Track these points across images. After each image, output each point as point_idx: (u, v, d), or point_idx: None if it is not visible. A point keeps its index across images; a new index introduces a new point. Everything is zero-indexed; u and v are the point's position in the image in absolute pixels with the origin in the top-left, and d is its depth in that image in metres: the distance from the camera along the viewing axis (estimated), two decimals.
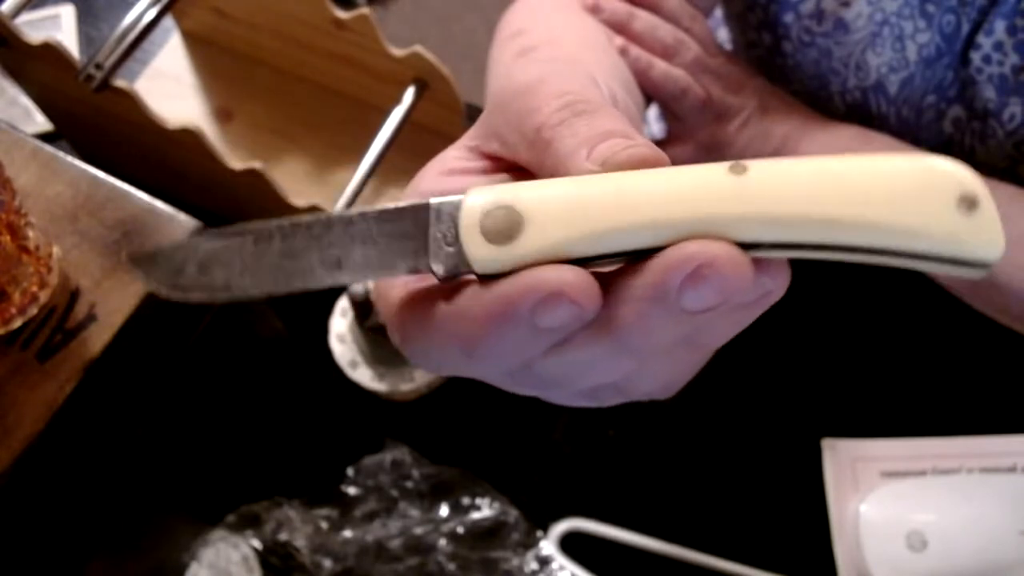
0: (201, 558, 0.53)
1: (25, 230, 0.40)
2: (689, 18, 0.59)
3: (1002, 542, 0.51)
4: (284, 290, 0.21)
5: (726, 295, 0.19)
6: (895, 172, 0.19)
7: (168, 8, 0.57)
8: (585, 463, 0.58)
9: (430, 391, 0.58)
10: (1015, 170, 0.57)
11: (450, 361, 0.22)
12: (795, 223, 0.19)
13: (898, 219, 0.18)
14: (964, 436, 0.56)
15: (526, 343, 0.20)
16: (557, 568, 0.53)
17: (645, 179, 0.20)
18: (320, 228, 0.21)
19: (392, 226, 0.21)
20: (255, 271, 0.21)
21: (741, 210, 0.19)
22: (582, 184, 0.20)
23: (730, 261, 0.19)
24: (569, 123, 0.22)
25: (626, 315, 0.20)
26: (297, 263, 0.21)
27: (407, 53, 0.61)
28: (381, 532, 0.54)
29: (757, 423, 0.59)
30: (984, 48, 0.52)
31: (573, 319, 0.19)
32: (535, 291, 0.19)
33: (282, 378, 0.61)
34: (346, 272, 0.21)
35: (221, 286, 0.21)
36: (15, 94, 0.73)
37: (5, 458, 0.39)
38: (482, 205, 0.20)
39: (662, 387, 0.24)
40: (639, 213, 0.19)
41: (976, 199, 0.19)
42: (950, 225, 0.18)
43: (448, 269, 0.21)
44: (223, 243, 0.21)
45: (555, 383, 0.22)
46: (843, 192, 0.19)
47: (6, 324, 0.41)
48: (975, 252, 0.19)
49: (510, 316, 0.19)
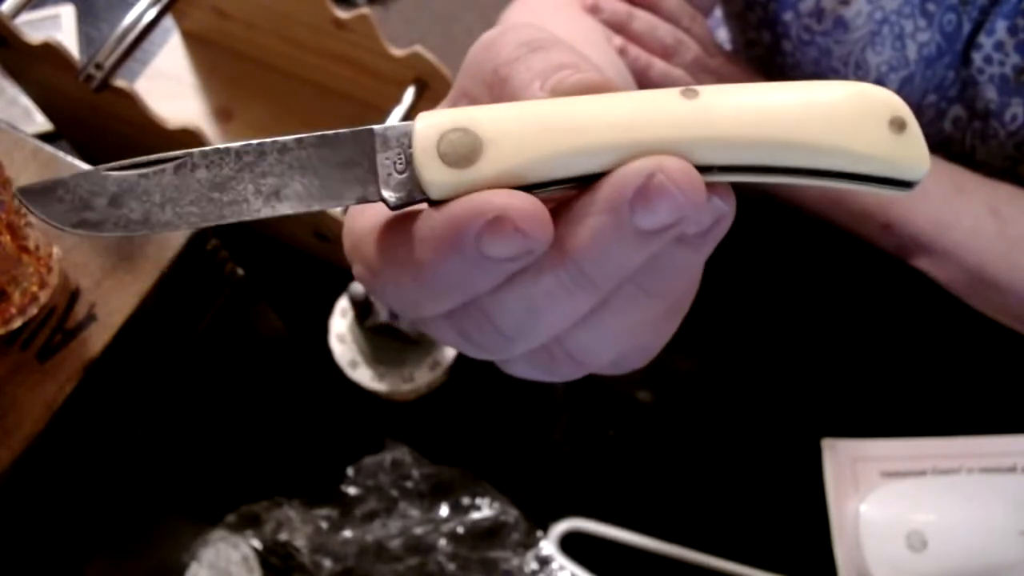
0: (201, 558, 0.53)
1: (25, 230, 0.41)
2: (688, 18, 0.59)
3: (1002, 542, 0.51)
4: (214, 222, 0.20)
5: (680, 210, 0.19)
6: (834, 98, 0.20)
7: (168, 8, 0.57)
8: (585, 463, 0.58)
9: (430, 391, 0.58)
10: (1015, 170, 0.57)
11: (404, 294, 0.21)
12: (745, 146, 0.20)
13: (839, 141, 0.20)
14: (964, 436, 0.56)
15: (474, 273, 0.19)
16: (557, 568, 0.53)
17: (602, 103, 0.20)
18: (252, 155, 0.20)
19: (333, 152, 0.20)
20: (178, 203, 0.20)
21: (695, 132, 0.19)
22: (538, 107, 0.20)
23: (681, 172, 0.19)
24: (525, 58, 0.21)
25: (579, 235, 0.19)
26: (227, 194, 0.20)
27: (407, 53, 0.61)
28: (381, 532, 0.54)
29: (757, 423, 0.58)
30: (985, 48, 0.52)
31: (520, 248, 0.19)
32: (481, 215, 0.18)
33: (282, 378, 0.61)
34: (286, 202, 0.20)
35: (139, 220, 0.20)
36: (15, 94, 0.74)
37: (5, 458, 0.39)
38: (437, 128, 0.20)
39: (621, 352, 0.23)
40: (597, 134, 0.19)
41: (904, 121, 0.20)
42: (883, 146, 0.20)
43: (401, 197, 0.20)
44: (135, 173, 0.20)
45: (506, 330, 0.21)
46: (789, 116, 0.20)
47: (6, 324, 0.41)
48: (904, 171, 0.20)
49: (457, 240, 0.19)
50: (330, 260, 0.63)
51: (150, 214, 0.20)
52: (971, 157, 0.58)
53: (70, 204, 0.20)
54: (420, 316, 0.22)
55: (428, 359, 0.57)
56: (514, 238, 0.18)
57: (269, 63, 0.73)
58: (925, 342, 0.60)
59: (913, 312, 0.61)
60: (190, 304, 0.48)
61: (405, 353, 0.57)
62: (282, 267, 0.64)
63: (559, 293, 0.20)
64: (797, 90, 0.20)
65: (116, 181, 0.20)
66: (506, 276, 0.20)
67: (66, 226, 0.20)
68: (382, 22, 0.61)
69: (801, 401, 0.59)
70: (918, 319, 0.60)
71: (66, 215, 0.20)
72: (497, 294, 0.20)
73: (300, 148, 0.20)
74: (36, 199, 0.20)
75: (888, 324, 0.61)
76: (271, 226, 0.64)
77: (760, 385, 0.60)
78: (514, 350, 0.22)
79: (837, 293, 0.62)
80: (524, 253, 0.19)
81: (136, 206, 0.20)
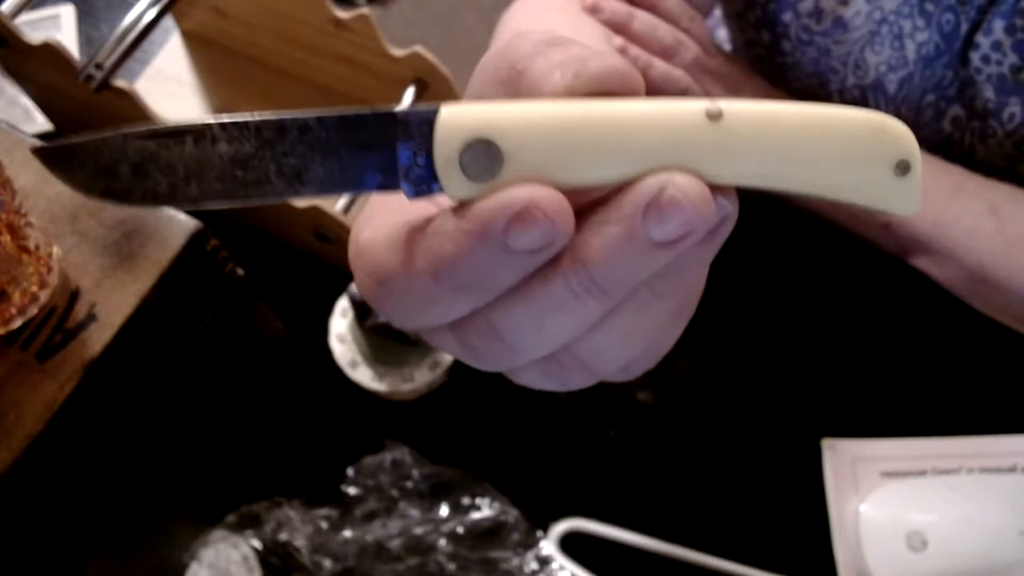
0: (201, 558, 0.53)
1: (25, 230, 0.41)
2: (688, 18, 0.59)
3: (1002, 542, 0.51)
4: (240, 202, 0.19)
5: (690, 223, 0.19)
6: (853, 131, 0.20)
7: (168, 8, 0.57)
8: (585, 463, 0.58)
9: (430, 391, 0.58)
10: (1015, 169, 0.57)
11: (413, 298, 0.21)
12: (760, 175, 0.20)
13: (844, 179, 0.21)
14: (964, 436, 0.56)
15: (496, 268, 0.20)
16: (557, 568, 0.53)
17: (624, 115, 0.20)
18: (272, 132, 0.19)
19: (353, 134, 0.20)
20: (201, 178, 0.19)
21: (714, 155, 0.20)
22: (559, 117, 0.20)
23: (692, 187, 0.19)
24: (543, 52, 0.22)
25: (592, 244, 0.20)
26: (250, 172, 0.19)
27: (407, 53, 0.61)
28: (381, 532, 0.54)
29: (757, 423, 0.59)
30: (983, 48, 0.52)
31: (545, 238, 0.19)
32: (509, 206, 0.19)
33: (282, 378, 0.61)
34: (308, 186, 0.20)
35: (166, 193, 0.19)
36: (15, 94, 0.73)
37: (5, 458, 0.39)
38: (460, 134, 0.19)
39: (632, 356, 0.23)
40: (618, 153, 0.20)
41: (910, 164, 0.21)
42: (884, 185, 0.21)
43: (420, 191, 0.20)
44: (155, 143, 0.19)
45: (512, 341, 0.21)
46: (803, 149, 0.20)
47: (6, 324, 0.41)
48: (894, 209, 0.21)
49: (485, 233, 0.19)
50: (330, 260, 0.63)
51: (176, 188, 0.19)
52: (970, 156, 0.58)
53: (93, 171, 0.19)
54: (426, 325, 0.22)
55: (428, 359, 0.57)
56: (541, 226, 0.19)
57: (269, 63, 0.73)
58: (925, 342, 0.60)
59: (913, 312, 0.61)
60: (190, 304, 0.48)
61: (405, 353, 0.57)
62: (282, 267, 0.64)
63: (568, 301, 0.20)
64: (818, 119, 0.20)
65: (137, 150, 0.19)
66: (525, 273, 0.20)
67: (92, 194, 0.20)
68: (382, 22, 0.61)
69: (801, 401, 0.59)
70: (918, 319, 0.61)
71: (91, 182, 0.19)
72: (505, 305, 0.20)
73: (321, 128, 0.20)
74: (56, 162, 0.20)
75: (888, 324, 0.61)
76: (271, 226, 0.64)
77: (760, 385, 0.60)
78: (517, 361, 0.22)
79: (837, 293, 0.62)
80: (548, 244, 0.19)
81: (162, 179, 0.19)
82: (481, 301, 0.21)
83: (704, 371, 0.61)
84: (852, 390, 0.59)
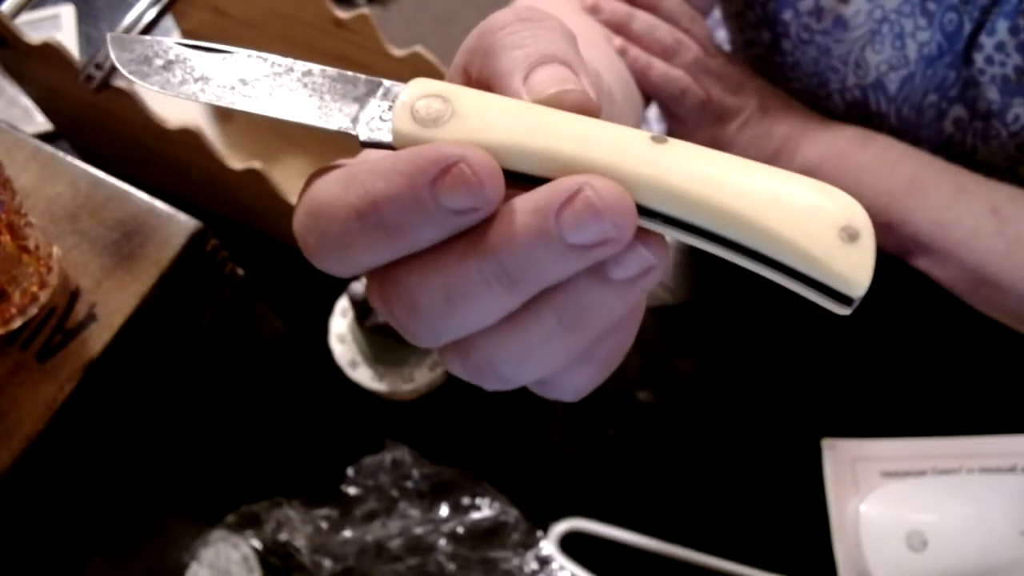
0: (201, 558, 0.53)
1: (25, 230, 0.41)
2: (688, 19, 0.59)
3: (1002, 542, 0.51)
4: (226, 105, 0.23)
5: (604, 229, 0.19)
6: (797, 186, 0.20)
7: (168, 8, 0.57)
8: (585, 463, 0.58)
9: (430, 391, 0.58)
10: (1015, 170, 0.57)
11: (339, 229, 0.21)
12: (685, 202, 0.20)
13: (783, 228, 0.19)
14: (964, 436, 0.56)
15: (422, 219, 0.20)
16: (557, 568, 0.53)
17: (577, 122, 0.21)
18: (282, 68, 0.23)
19: (343, 87, 0.23)
20: (207, 83, 0.23)
21: (645, 172, 0.20)
22: (519, 105, 0.21)
23: (610, 192, 0.19)
24: (511, 28, 0.22)
25: (506, 230, 0.20)
26: (247, 88, 0.23)
27: (407, 53, 0.61)
28: (381, 532, 0.54)
29: (757, 423, 0.59)
30: (986, 48, 0.52)
31: (473, 195, 0.19)
32: (445, 157, 0.19)
33: (282, 378, 0.61)
34: (287, 111, 0.23)
35: (176, 83, 0.23)
36: (15, 94, 0.74)
37: (5, 458, 0.39)
38: (423, 90, 0.22)
39: (540, 377, 0.23)
40: (556, 142, 0.20)
41: (859, 233, 0.19)
42: (827, 249, 0.19)
43: (370, 137, 0.22)
44: (192, 52, 0.24)
45: (423, 311, 0.21)
46: (744, 189, 0.20)
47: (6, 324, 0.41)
48: (841, 282, 0.19)
49: (416, 176, 0.19)
50: None
51: (184, 82, 0.23)
52: (972, 157, 0.58)
53: (138, 56, 0.24)
54: (344, 269, 0.22)
55: (428, 359, 0.57)
56: (469, 185, 0.19)
57: None
58: (925, 342, 0.60)
59: (913, 312, 0.61)
60: (190, 304, 0.48)
61: (405, 353, 0.57)
62: (282, 267, 0.64)
63: (479, 285, 0.20)
64: (766, 171, 0.20)
65: (176, 51, 0.24)
66: (447, 233, 0.20)
67: (122, 66, 0.24)
68: (382, 22, 0.61)
69: (801, 401, 0.59)
70: (918, 319, 0.60)
71: (128, 63, 0.24)
72: (422, 269, 0.21)
73: (321, 76, 0.23)
74: (120, 45, 0.24)
75: (888, 324, 0.61)
76: (271, 226, 0.64)
77: (760, 385, 0.60)
78: (430, 336, 0.22)
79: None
80: (472, 208, 0.20)
81: (180, 74, 0.23)
82: (398, 252, 0.21)
83: (704, 371, 0.61)
84: (852, 390, 0.59)
